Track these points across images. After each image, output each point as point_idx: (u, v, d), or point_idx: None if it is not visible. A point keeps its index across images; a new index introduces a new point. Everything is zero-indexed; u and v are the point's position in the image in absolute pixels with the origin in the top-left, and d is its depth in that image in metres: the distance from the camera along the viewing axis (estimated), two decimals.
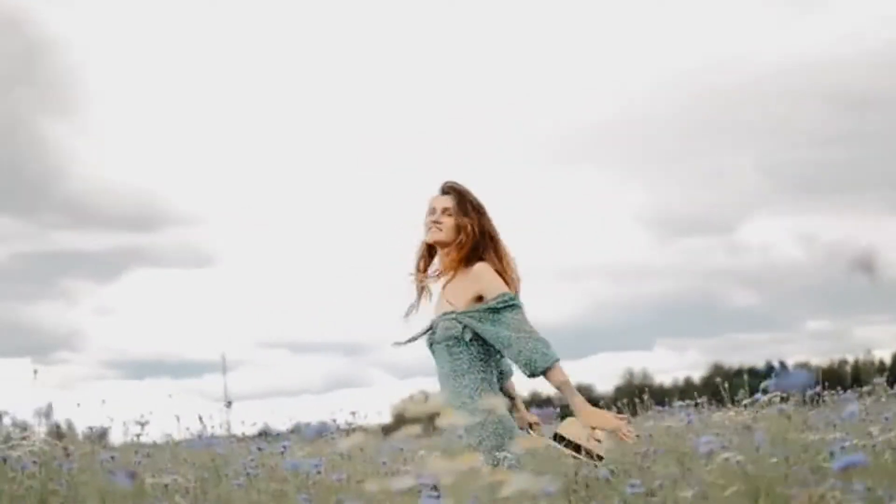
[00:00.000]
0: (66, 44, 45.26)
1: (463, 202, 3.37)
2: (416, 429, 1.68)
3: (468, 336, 3.20)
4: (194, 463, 3.41)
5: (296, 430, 5.41)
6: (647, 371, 45.01)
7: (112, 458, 3.31)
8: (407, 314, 3.40)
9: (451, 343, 3.21)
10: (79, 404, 3.69)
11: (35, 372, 3.00)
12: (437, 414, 1.70)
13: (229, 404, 2.89)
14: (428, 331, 3.30)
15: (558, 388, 3.25)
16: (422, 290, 3.38)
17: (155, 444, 4.36)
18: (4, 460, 2.61)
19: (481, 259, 3.29)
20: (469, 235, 3.32)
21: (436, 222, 3.33)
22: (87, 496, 2.72)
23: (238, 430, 5.10)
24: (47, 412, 2.55)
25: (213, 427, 4.68)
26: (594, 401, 3.38)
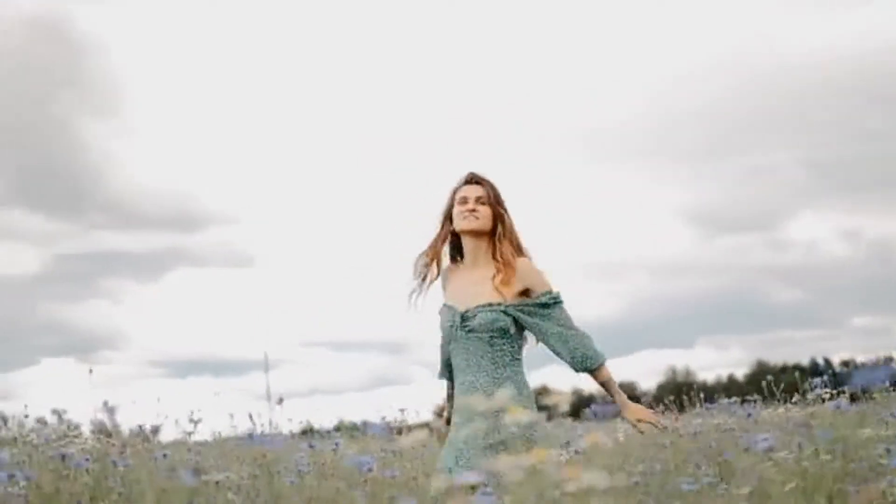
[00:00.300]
0: (106, 47, 45.67)
1: (497, 192, 3.39)
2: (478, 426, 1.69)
3: (513, 329, 3.23)
4: (244, 460, 3.43)
5: (341, 426, 5.44)
6: (689, 368, 44.70)
7: (164, 455, 3.34)
8: (413, 298, 3.40)
9: (495, 334, 3.21)
10: (134, 401, 3.72)
11: (90, 371, 3.03)
12: (503, 410, 1.70)
13: (280, 401, 2.90)
14: (456, 316, 3.27)
15: (603, 384, 3.27)
16: (430, 274, 3.41)
17: (204, 442, 4.39)
18: (63, 457, 2.63)
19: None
20: (509, 226, 3.35)
21: (472, 210, 3.33)
22: (142, 493, 2.74)
23: (283, 427, 5.14)
24: (109, 410, 2.57)
25: (261, 425, 4.71)
26: (637, 398, 3.37)
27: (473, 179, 3.40)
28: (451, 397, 3.40)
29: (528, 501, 1.76)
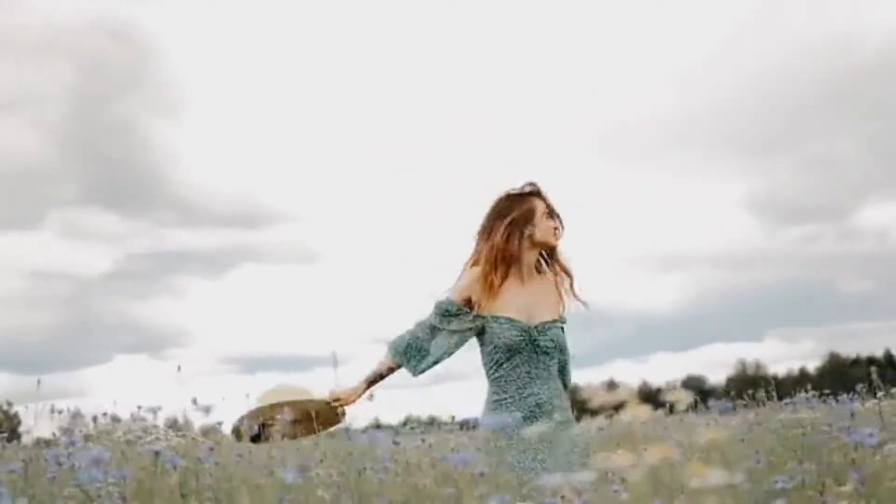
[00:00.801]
0: (170, 49, 46.63)
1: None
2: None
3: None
4: (327, 456, 3.43)
5: (408, 421, 5.44)
6: (759, 361, 44.03)
7: (249, 451, 3.36)
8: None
9: (558, 349, 3.36)
10: (223, 398, 3.75)
11: (179, 368, 3.05)
12: (623, 403, 1.67)
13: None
14: (528, 330, 3.31)
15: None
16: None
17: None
18: (157, 454, 2.65)
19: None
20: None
21: (556, 228, 3.38)
22: (236, 490, 2.76)
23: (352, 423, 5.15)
24: (205, 409, 2.58)
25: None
26: (707, 392, 3.35)
27: (540, 192, 3.44)
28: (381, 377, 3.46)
29: (647, 499, 1.73)
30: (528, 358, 3.31)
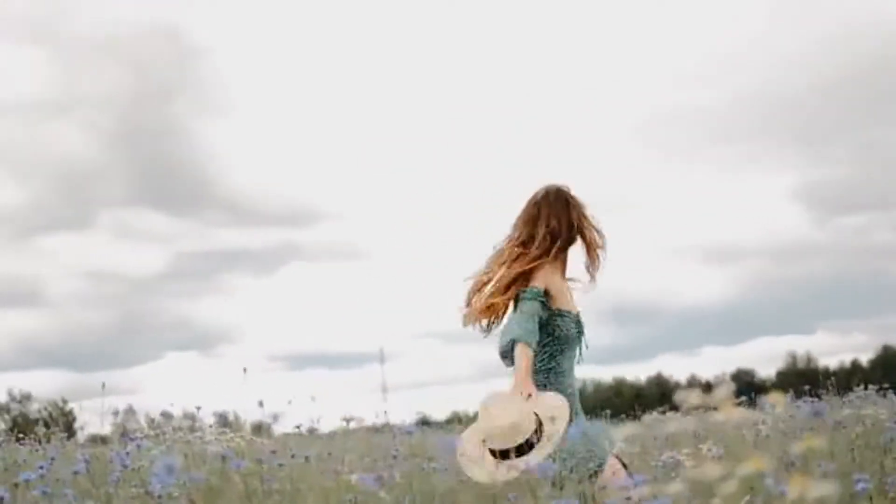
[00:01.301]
0: (216, 51, 47.03)
1: None
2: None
3: None
4: (386, 453, 3.42)
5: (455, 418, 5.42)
6: (810, 354, 43.42)
7: (307, 457, 3.34)
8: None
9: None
10: (290, 401, 3.75)
11: (245, 370, 3.04)
12: (717, 406, 1.63)
13: (389, 394, 2.87)
14: (580, 324, 3.43)
15: None
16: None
17: (332, 434, 4.40)
18: (223, 458, 2.64)
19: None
20: None
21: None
22: (303, 494, 2.75)
23: (396, 419, 5.13)
24: (273, 417, 2.57)
25: (377, 416, 4.71)
26: (756, 386, 3.30)
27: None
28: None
29: None
30: (575, 350, 3.41)
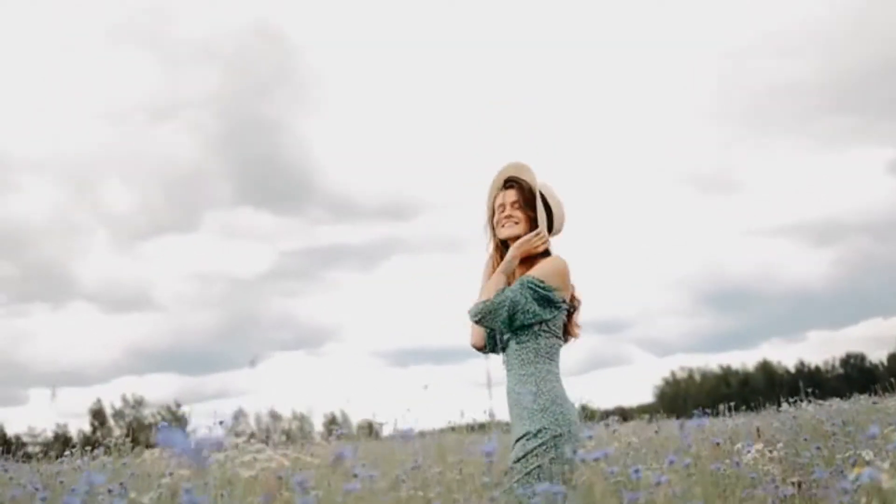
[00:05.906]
0: (314, 48, 47.88)
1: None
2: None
3: None
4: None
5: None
6: None
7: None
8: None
9: None
10: (408, 409, 3.75)
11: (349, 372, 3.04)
12: None
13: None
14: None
15: None
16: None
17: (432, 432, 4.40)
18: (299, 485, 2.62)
19: None
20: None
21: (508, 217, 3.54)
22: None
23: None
24: (379, 419, 2.58)
25: (483, 412, 4.69)
26: (867, 371, 3.17)
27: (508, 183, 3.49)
28: None
29: None
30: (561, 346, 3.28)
